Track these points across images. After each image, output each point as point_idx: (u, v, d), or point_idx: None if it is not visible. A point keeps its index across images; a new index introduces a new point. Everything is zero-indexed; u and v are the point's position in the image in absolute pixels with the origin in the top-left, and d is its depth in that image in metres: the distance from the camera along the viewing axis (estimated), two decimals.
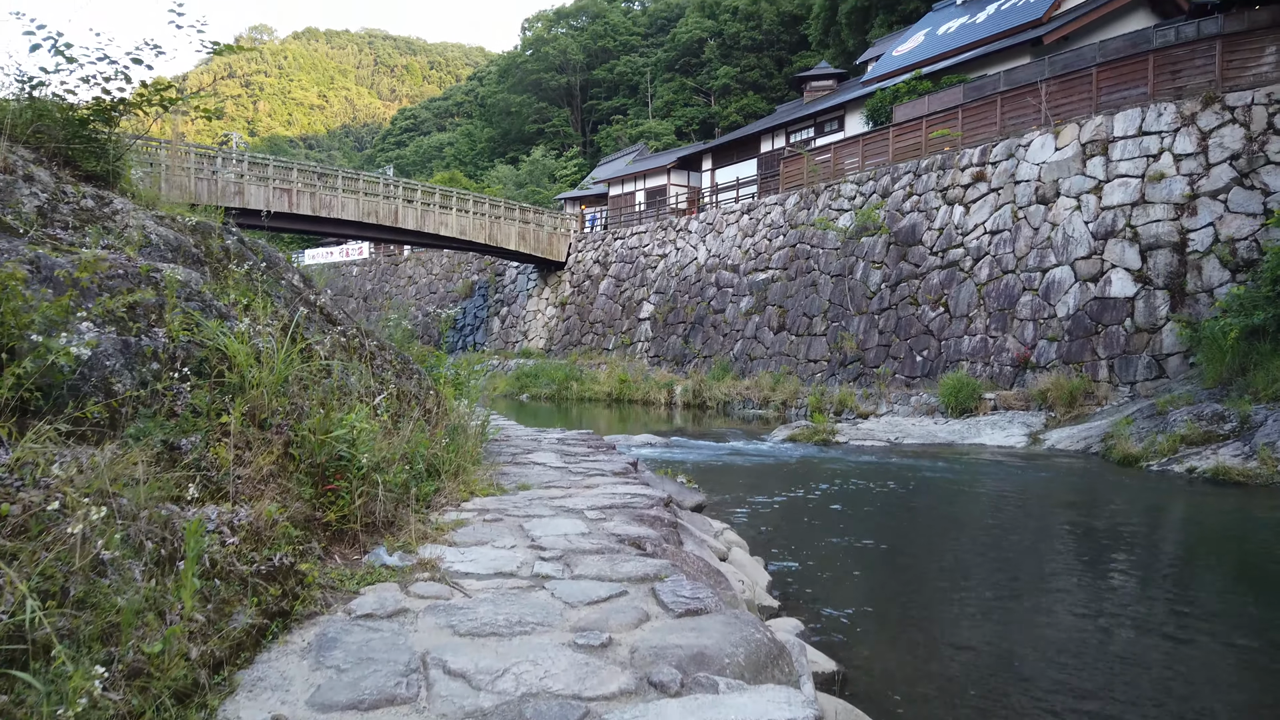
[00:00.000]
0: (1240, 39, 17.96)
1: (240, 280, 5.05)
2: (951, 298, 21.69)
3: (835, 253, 25.84)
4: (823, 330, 25.25)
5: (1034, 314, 19.60)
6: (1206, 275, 17.18)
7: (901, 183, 24.61)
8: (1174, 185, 18.01)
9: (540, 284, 40.64)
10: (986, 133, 22.94)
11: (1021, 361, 19.41)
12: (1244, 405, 13.09)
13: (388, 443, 4.72)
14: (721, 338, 29.69)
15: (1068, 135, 20.37)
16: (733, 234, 31.41)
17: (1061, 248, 19.49)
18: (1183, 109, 18.32)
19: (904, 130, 25.58)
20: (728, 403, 25.59)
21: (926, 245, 22.98)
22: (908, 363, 22.23)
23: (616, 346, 35.09)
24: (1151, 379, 17.20)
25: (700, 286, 31.90)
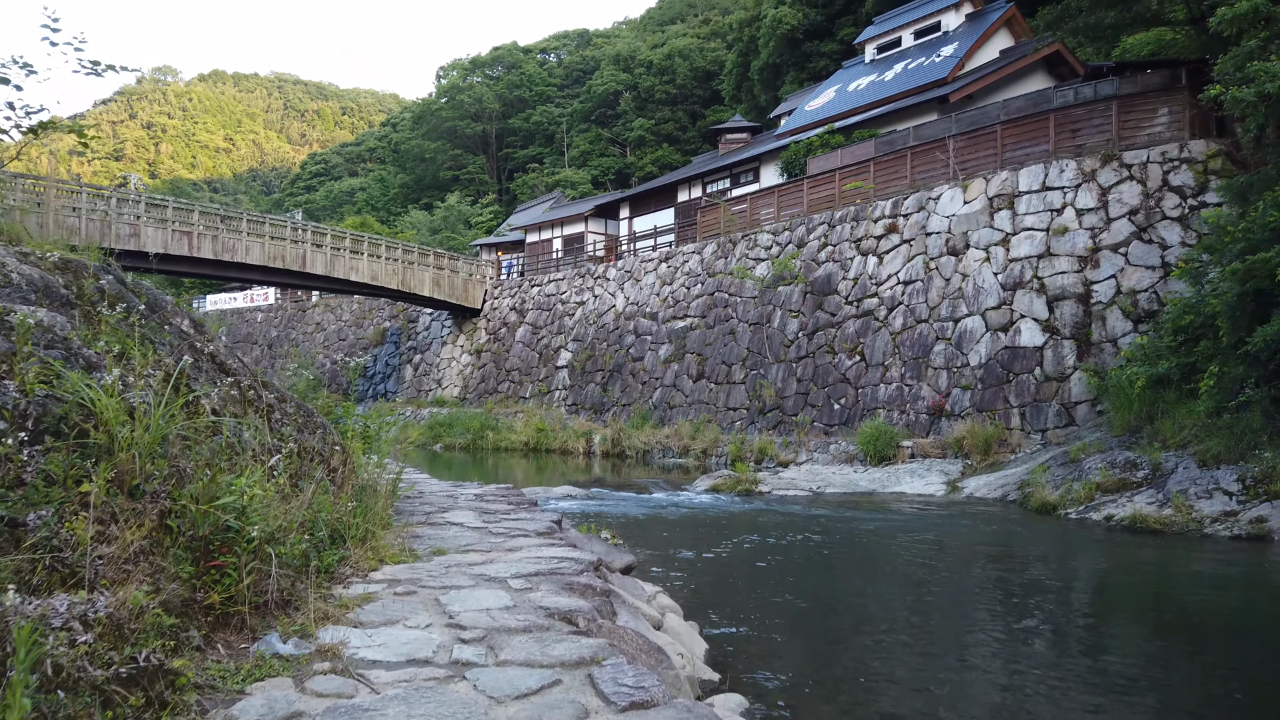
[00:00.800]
0: (1135, 100, 18.82)
1: (117, 325, 4.47)
2: (867, 346, 21.91)
3: (753, 301, 25.95)
4: (742, 378, 25.21)
5: (948, 363, 19.90)
6: (1110, 326, 17.71)
7: (816, 233, 24.95)
8: (1077, 238, 18.62)
9: (455, 331, 39.83)
10: (898, 185, 23.47)
11: (937, 409, 19.62)
12: (1155, 453, 13.35)
13: (285, 508, 4.18)
14: (640, 386, 29.42)
15: (975, 189, 20.95)
16: (651, 282, 31.35)
17: (972, 298, 19.90)
18: (1083, 166, 19.04)
19: (818, 182, 26.02)
20: (647, 451, 25.23)
21: (842, 295, 23.24)
22: (826, 411, 22.29)
23: (534, 395, 34.47)
24: (1062, 426, 17.54)
25: (619, 334, 31.66)
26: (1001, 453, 17.63)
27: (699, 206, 32.07)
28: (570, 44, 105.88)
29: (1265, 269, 11.65)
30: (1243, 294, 12.26)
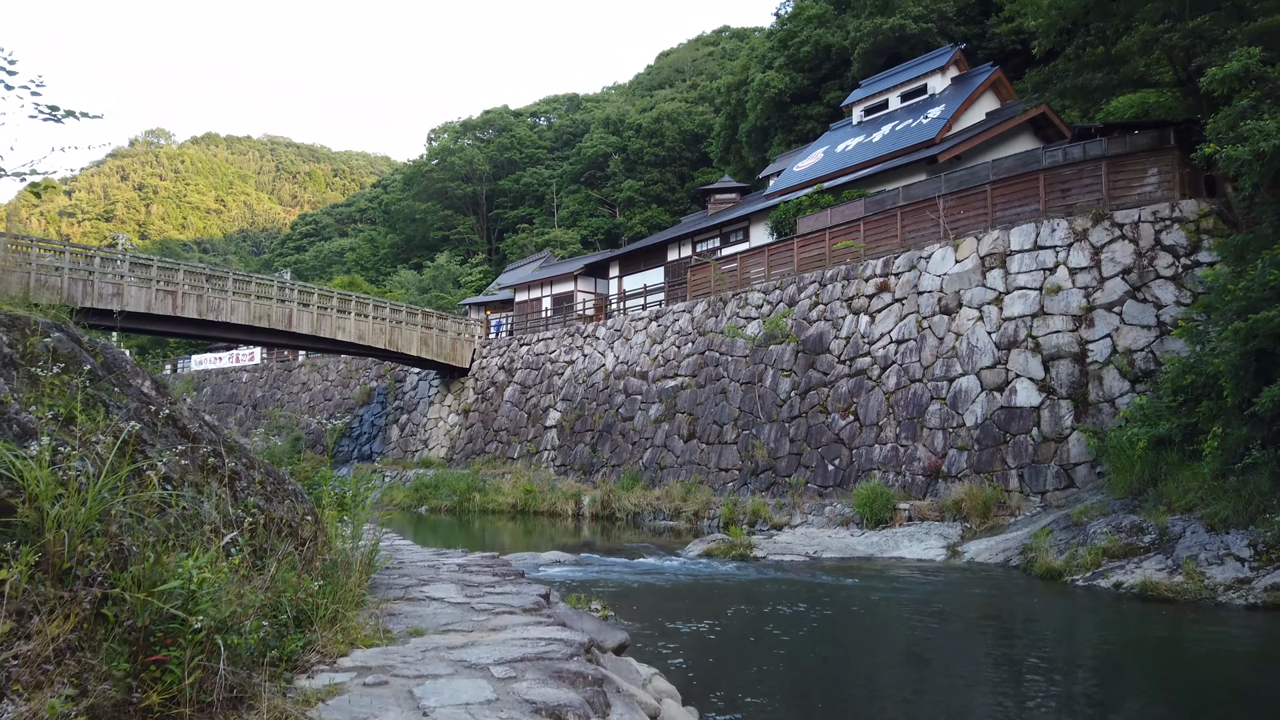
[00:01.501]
0: (1124, 160, 18.87)
1: (65, 387, 4.08)
2: (861, 406, 21.60)
3: (744, 360, 25.68)
4: (733, 438, 24.81)
5: (943, 423, 19.57)
6: (1108, 385, 17.46)
7: (807, 292, 24.82)
8: (1071, 297, 18.48)
9: (443, 391, 39.39)
10: (888, 245, 23.42)
11: (933, 471, 19.24)
12: (1160, 516, 12.98)
13: (242, 591, 3.76)
14: (630, 446, 28.95)
15: (967, 248, 20.89)
16: (641, 341, 31.10)
17: (966, 357, 19.68)
18: (1074, 225, 19.00)
19: (808, 241, 25.98)
20: (638, 514, 24.67)
21: (834, 354, 23.01)
22: (820, 471, 21.87)
23: (522, 455, 33.92)
24: (1061, 489, 17.17)
25: (608, 394, 31.28)
26: (1001, 515, 17.21)
27: (689, 265, 32.01)
28: (560, 107, 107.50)
29: (1269, 328, 11.43)
30: (1245, 353, 12.03)
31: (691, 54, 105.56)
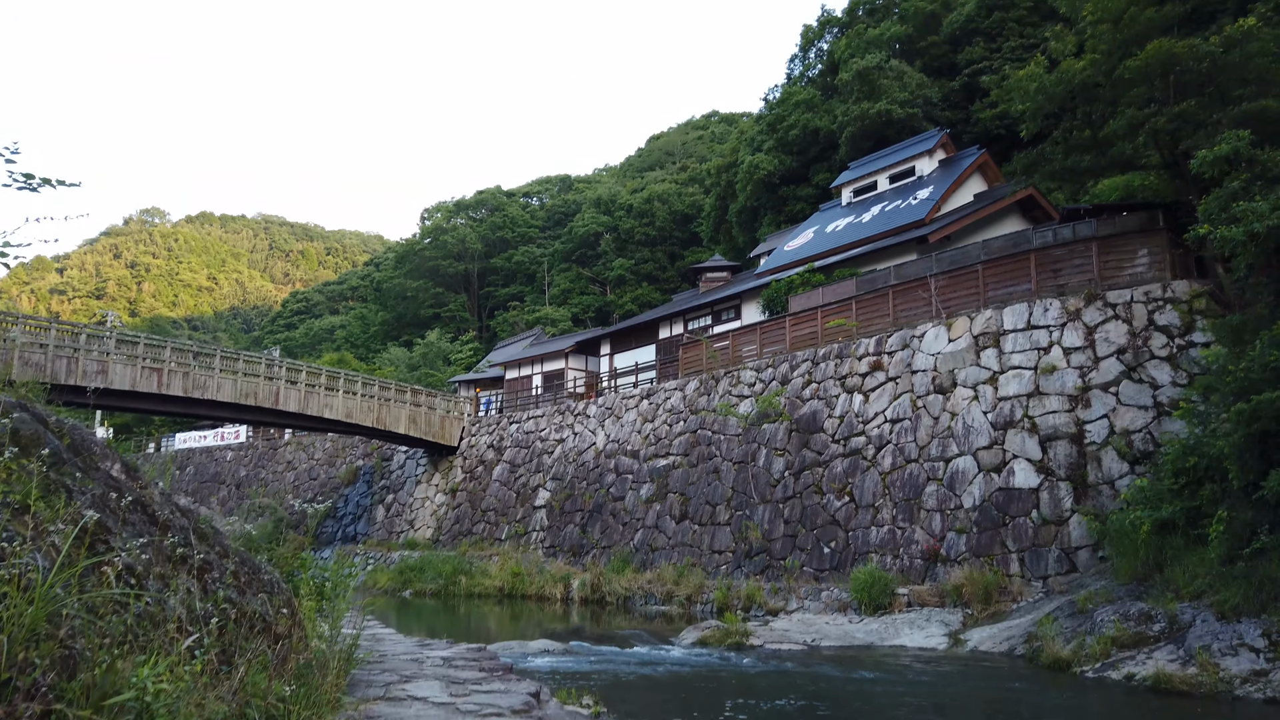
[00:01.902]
0: (1114, 241, 19.00)
1: (22, 471, 3.79)
2: (856, 487, 21.24)
3: (737, 439, 25.39)
4: (726, 519, 24.34)
5: (940, 504, 19.22)
6: (1106, 467, 17.21)
7: (800, 370, 24.69)
8: (1066, 377, 18.37)
9: (430, 469, 38.82)
10: (880, 324, 23.41)
11: (931, 554, 18.81)
12: (1169, 604, 12.59)
13: (202, 700, 3.41)
14: (621, 527, 28.38)
15: (960, 327, 20.85)
16: (632, 419, 30.82)
17: (962, 437, 19.45)
18: (1067, 305, 19.01)
19: (800, 320, 25.98)
20: (629, 598, 24.02)
21: (828, 433, 22.75)
22: (815, 554, 21.38)
23: (510, 536, 33.24)
24: (1063, 573, 16.76)
25: (599, 473, 30.84)
26: (1003, 601, 16.74)
27: (681, 343, 31.97)
28: (552, 188, 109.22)
29: (1272, 410, 11.27)
30: (1249, 435, 11.84)
31: (681, 137, 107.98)
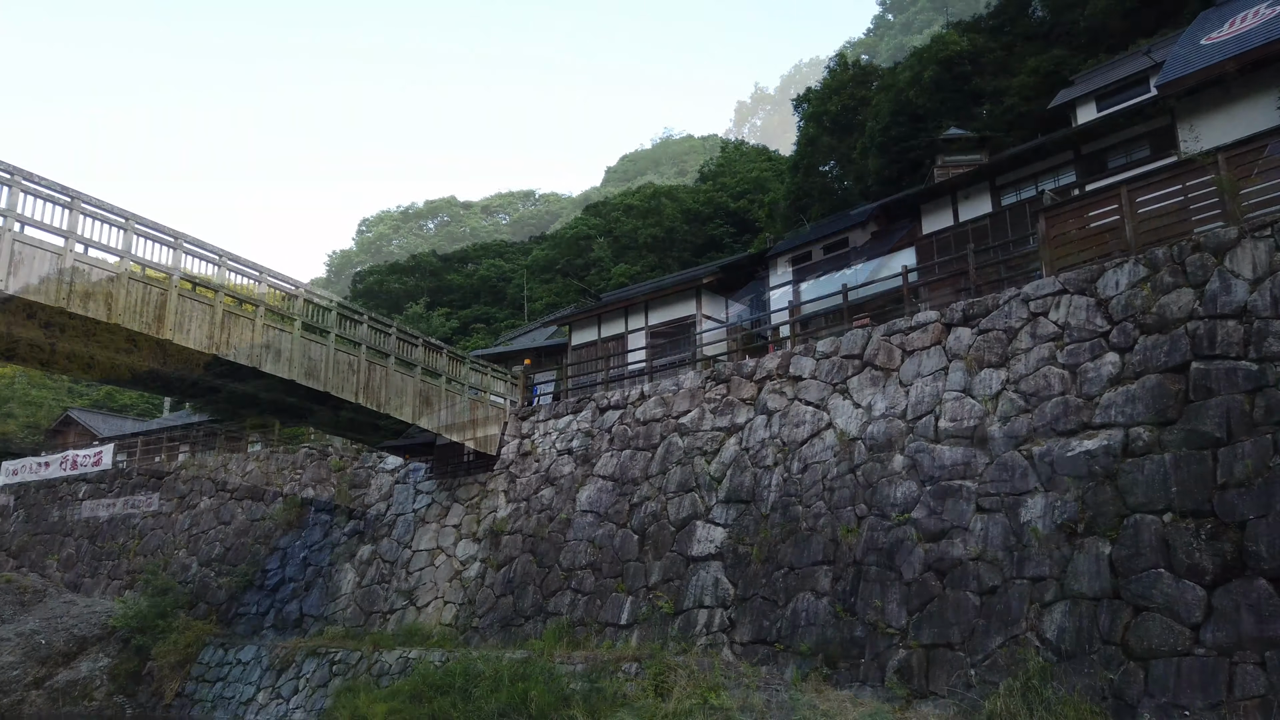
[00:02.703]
0: None
1: None
2: None
3: None
4: None
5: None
6: None
7: None
8: None
9: (446, 497, 21.62)
10: None
11: None
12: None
13: None
14: (977, 600, 12.02)
15: None
16: (936, 367, 14.72)
17: None
18: None
19: None
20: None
21: None
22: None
23: (641, 619, 16.33)
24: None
25: (860, 483, 14.62)
26: None
27: (1030, 216, 16.04)
28: (516, 201, 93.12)
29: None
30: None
31: (674, 149, 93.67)
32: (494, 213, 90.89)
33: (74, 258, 13.49)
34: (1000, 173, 19.37)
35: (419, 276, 77.77)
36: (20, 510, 33.18)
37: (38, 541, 31.51)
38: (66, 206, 13.69)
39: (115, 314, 13.91)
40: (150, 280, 14.68)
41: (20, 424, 48.10)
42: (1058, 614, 11.38)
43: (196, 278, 15.61)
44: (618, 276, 62.79)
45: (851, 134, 35.41)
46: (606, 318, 25.31)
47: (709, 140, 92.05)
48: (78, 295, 13.39)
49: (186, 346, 14.98)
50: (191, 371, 15.77)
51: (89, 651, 23.25)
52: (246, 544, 25.50)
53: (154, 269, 14.98)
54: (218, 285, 15.74)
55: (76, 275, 13.44)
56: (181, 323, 14.80)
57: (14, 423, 48.42)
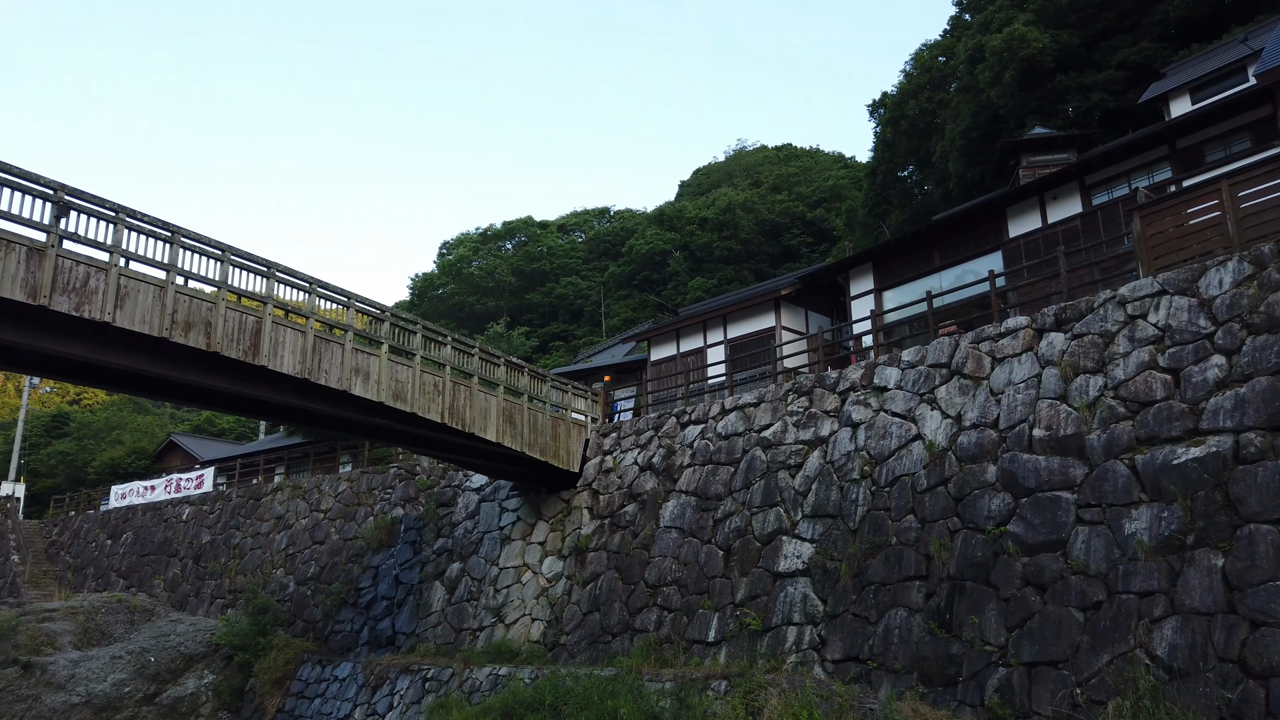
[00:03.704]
0: None
1: None
2: None
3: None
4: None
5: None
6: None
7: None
8: None
9: (531, 515, 21.83)
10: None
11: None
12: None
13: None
14: (1081, 615, 11.55)
15: None
16: (1028, 374, 14.24)
17: None
18: None
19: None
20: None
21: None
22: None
23: (729, 636, 16.17)
24: None
25: (952, 493, 14.19)
26: None
27: (1119, 216, 15.47)
28: (591, 219, 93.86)
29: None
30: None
31: (748, 160, 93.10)
32: (570, 231, 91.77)
33: (175, 289, 14.10)
34: (1090, 171, 18.69)
35: (499, 296, 79.07)
36: (129, 532, 34.76)
37: (145, 562, 32.96)
38: (167, 241, 14.33)
39: (214, 342, 14.48)
40: (245, 309, 15.25)
41: (128, 449, 50.47)
42: (1168, 630, 10.84)
43: (288, 304, 16.15)
44: (694, 290, 62.84)
45: (930, 137, 34.73)
46: (685, 332, 25.29)
47: (783, 150, 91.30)
48: (179, 325, 13.99)
49: (280, 372, 15.50)
50: (285, 396, 16.29)
51: (195, 668, 24.14)
52: (340, 562, 26.20)
53: (249, 298, 15.56)
54: (308, 312, 16.27)
55: (177, 306, 14.05)
56: (275, 349, 15.33)
57: (122, 449, 50.84)
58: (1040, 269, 17.51)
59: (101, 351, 13.86)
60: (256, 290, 15.67)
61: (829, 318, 23.55)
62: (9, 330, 12.84)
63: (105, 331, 13.49)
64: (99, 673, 22.42)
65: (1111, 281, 15.61)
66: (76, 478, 49.71)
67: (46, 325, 13.06)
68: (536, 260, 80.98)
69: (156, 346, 14.15)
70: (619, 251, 78.92)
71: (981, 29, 31.45)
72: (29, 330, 13.00)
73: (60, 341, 13.36)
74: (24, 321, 12.87)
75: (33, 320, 12.89)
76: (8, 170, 12.40)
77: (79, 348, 13.61)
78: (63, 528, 39.01)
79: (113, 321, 13.22)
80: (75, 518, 38.70)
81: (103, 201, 13.51)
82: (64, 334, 13.32)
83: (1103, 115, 27.70)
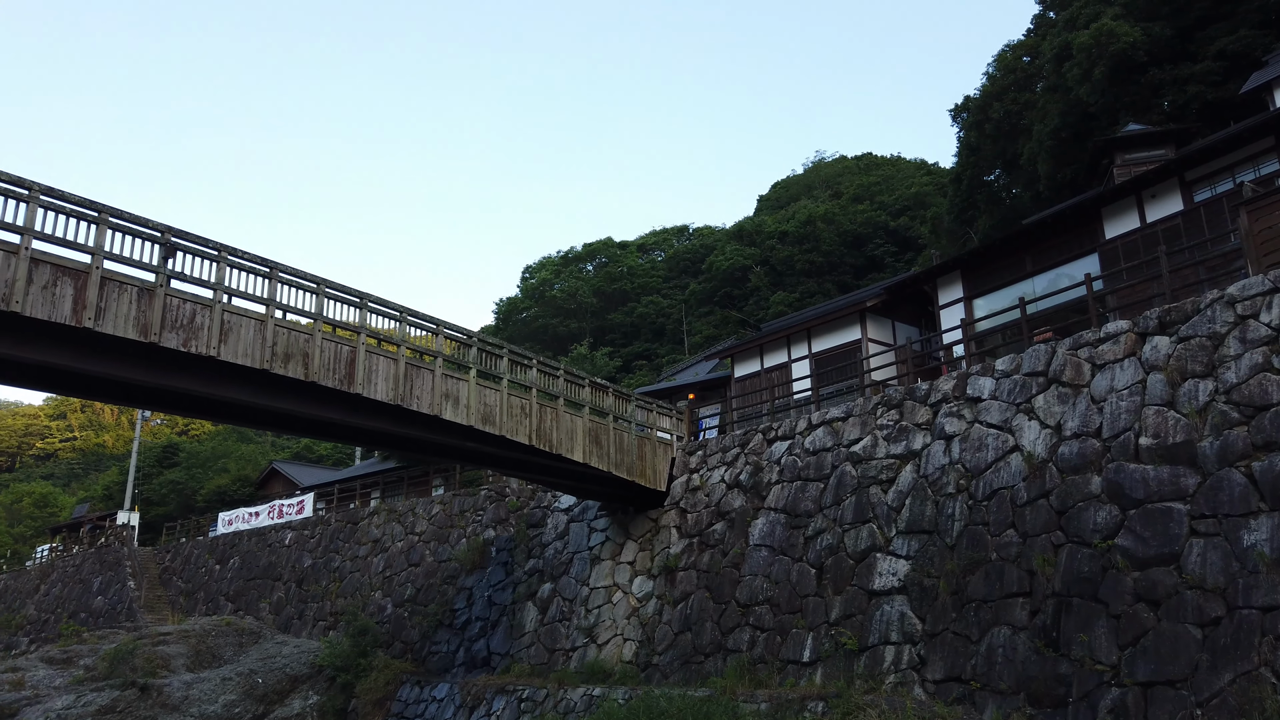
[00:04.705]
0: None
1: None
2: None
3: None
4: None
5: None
6: None
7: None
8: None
9: (619, 535, 21.87)
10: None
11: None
12: None
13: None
14: (1200, 633, 10.95)
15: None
16: (1131, 381, 13.65)
17: None
18: None
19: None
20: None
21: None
22: None
23: (824, 655, 15.85)
24: None
25: (1053, 506, 13.66)
26: None
27: (1228, 212, 14.77)
28: (670, 238, 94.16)
29: None
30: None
31: (827, 171, 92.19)
32: (649, 250, 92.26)
33: (274, 323, 14.66)
34: (1190, 167, 17.88)
35: (581, 318, 79.87)
36: (236, 557, 36.14)
37: (252, 586, 34.19)
38: (266, 276, 14.92)
39: (311, 372, 14.99)
40: (339, 339, 15.76)
41: (233, 477, 52.64)
42: None
43: (380, 333, 16.62)
44: (776, 305, 62.40)
45: (1017, 139, 33.81)
46: (768, 348, 25.08)
47: (863, 159, 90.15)
48: (279, 357, 14.53)
49: (374, 399, 15.94)
50: (378, 422, 16.73)
51: (300, 689, 24.86)
52: (435, 584, 26.69)
53: (342, 328, 16.08)
54: (399, 340, 16.71)
55: (276, 338, 14.60)
56: (369, 377, 15.78)
57: (227, 476, 53.05)
58: (1140, 270, 16.80)
59: (207, 384, 14.48)
60: (350, 320, 16.18)
61: (917, 328, 23.05)
62: (123, 367, 13.53)
63: (210, 365, 14.10)
64: (210, 694, 23.28)
65: (1218, 281, 14.88)
66: (186, 505, 52.03)
67: (157, 361, 13.72)
68: (617, 280, 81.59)
69: (257, 378, 14.72)
70: (699, 269, 78.93)
71: (1067, 26, 30.49)
72: (141, 366, 13.68)
73: (169, 376, 14.02)
74: (136, 358, 13.55)
75: (144, 356, 13.56)
76: (119, 215, 13.12)
77: (186, 381, 14.26)
78: (174, 554, 40.79)
79: (218, 356, 13.81)
80: (186, 544, 40.44)
81: (206, 241, 14.17)
82: (172, 369, 13.97)
83: (1201, 108, 26.50)
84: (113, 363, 13.40)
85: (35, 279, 12.01)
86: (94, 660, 24.31)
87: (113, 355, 13.31)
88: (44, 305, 12.04)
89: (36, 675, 23.23)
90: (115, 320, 12.74)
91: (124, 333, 12.83)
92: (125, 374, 13.63)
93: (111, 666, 23.58)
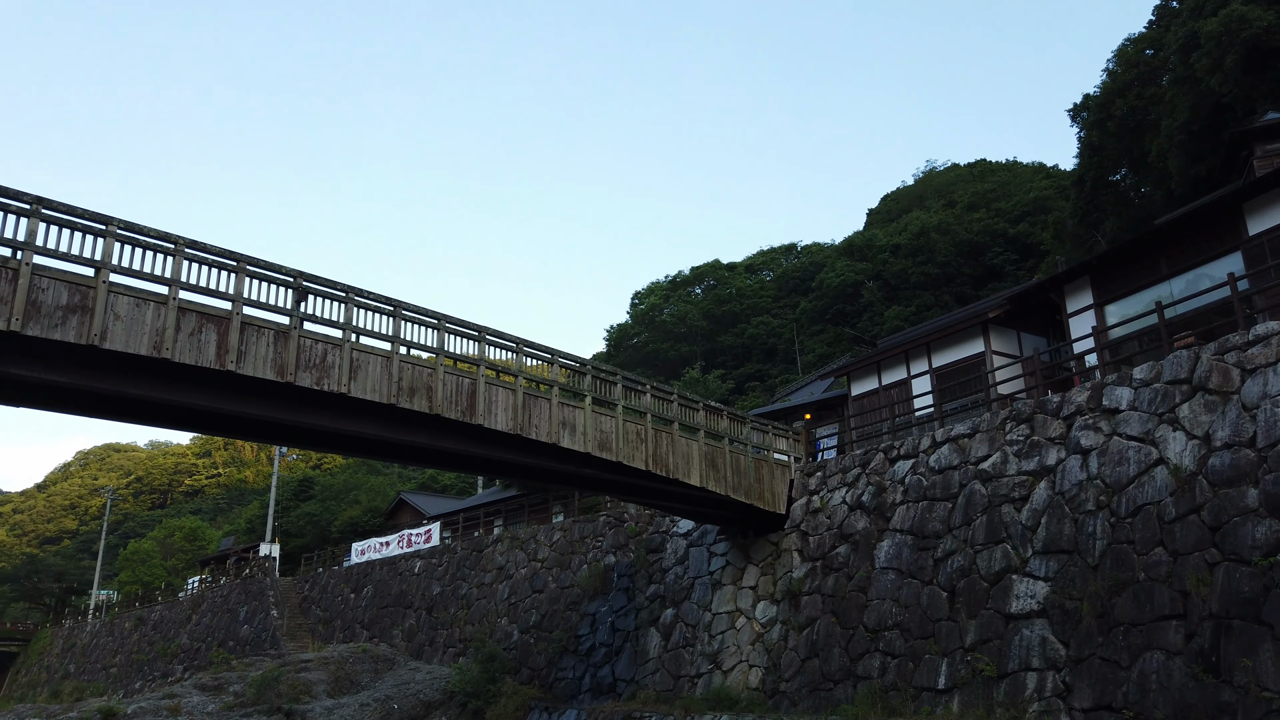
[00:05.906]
0: None
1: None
2: None
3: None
4: None
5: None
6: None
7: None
8: None
9: (740, 558, 21.65)
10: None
11: None
12: None
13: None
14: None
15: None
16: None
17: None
18: None
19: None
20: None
21: None
22: None
23: (960, 683, 15.21)
24: None
25: (1205, 522, 12.79)
26: None
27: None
28: (778, 257, 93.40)
29: None
30: None
31: (939, 180, 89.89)
32: (757, 270, 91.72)
33: (399, 359, 15.22)
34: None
35: (691, 341, 79.94)
36: (369, 586, 37.48)
37: (385, 614, 35.36)
38: (390, 314, 15.53)
39: (435, 405, 15.47)
40: (460, 372, 16.22)
41: (364, 508, 54.75)
42: None
43: (498, 364, 17.02)
44: (891, 320, 60.96)
45: (1143, 136, 32.19)
46: (886, 364, 24.46)
47: (977, 165, 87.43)
48: (404, 392, 15.06)
49: (494, 429, 16.32)
50: (499, 451, 17.11)
51: (433, 715, 25.48)
52: (559, 610, 26.99)
53: (462, 360, 16.55)
54: (516, 370, 17.08)
55: (402, 374, 15.14)
56: (489, 408, 16.17)
57: (359, 508, 55.21)
58: None
59: (338, 419, 15.13)
60: (469, 354, 16.64)
61: (1044, 338, 22.04)
62: (261, 406, 14.27)
63: (341, 401, 14.73)
64: (350, 719, 24.11)
65: None
66: (322, 536, 54.36)
67: (292, 399, 14.42)
68: (726, 303, 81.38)
69: (385, 412, 15.28)
70: (809, 287, 77.97)
71: (1193, 14, 28.88)
72: (278, 405, 14.40)
73: (304, 413, 14.71)
74: (273, 397, 14.27)
75: (280, 395, 14.27)
76: (255, 263, 13.90)
77: (320, 418, 14.93)
78: (312, 583, 42.61)
79: (349, 393, 14.42)
80: (323, 574, 42.20)
81: (334, 284, 14.86)
82: (307, 406, 14.66)
83: None
84: (252, 402, 14.15)
85: (183, 326, 12.82)
86: (242, 687, 25.55)
87: (252, 395, 14.07)
88: (191, 351, 12.83)
89: (191, 701, 24.57)
90: (255, 362, 13.47)
91: (262, 374, 13.55)
92: (264, 412, 14.37)
93: (258, 693, 24.73)
